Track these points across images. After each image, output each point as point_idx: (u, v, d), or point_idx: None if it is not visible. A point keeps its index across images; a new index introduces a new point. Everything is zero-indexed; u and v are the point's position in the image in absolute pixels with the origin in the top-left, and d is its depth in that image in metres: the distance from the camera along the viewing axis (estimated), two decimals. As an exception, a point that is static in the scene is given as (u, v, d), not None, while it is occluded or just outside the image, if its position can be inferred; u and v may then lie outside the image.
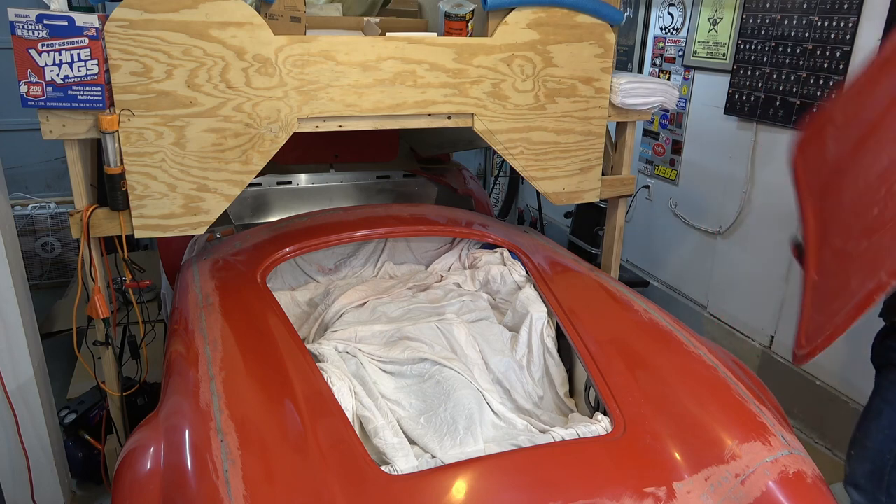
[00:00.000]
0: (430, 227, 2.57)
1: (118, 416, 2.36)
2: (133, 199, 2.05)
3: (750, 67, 3.25)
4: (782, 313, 3.25)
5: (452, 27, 2.33)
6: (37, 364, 2.34)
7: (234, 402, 1.53)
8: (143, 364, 2.36)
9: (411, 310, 2.18)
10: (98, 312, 2.13)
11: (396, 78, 2.23)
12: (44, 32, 1.80)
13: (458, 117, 2.38)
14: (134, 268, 2.19)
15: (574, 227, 4.35)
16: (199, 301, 2.02)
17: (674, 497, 1.41)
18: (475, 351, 1.99)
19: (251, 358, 1.72)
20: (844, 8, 2.77)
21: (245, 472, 1.34)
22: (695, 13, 3.63)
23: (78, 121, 1.93)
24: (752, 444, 1.49)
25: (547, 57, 2.39)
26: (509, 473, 1.42)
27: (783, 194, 3.16)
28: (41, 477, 2.42)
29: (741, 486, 1.43)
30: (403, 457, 1.54)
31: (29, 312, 2.35)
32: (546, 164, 2.53)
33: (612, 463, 1.47)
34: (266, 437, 1.45)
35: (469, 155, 5.68)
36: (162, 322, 2.90)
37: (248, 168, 2.15)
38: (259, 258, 2.24)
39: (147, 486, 1.44)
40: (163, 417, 1.59)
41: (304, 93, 2.14)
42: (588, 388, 1.90)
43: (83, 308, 2.14)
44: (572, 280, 2.29)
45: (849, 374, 2.93)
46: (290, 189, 3.24)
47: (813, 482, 1.46)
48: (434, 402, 1.77)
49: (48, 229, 4.25)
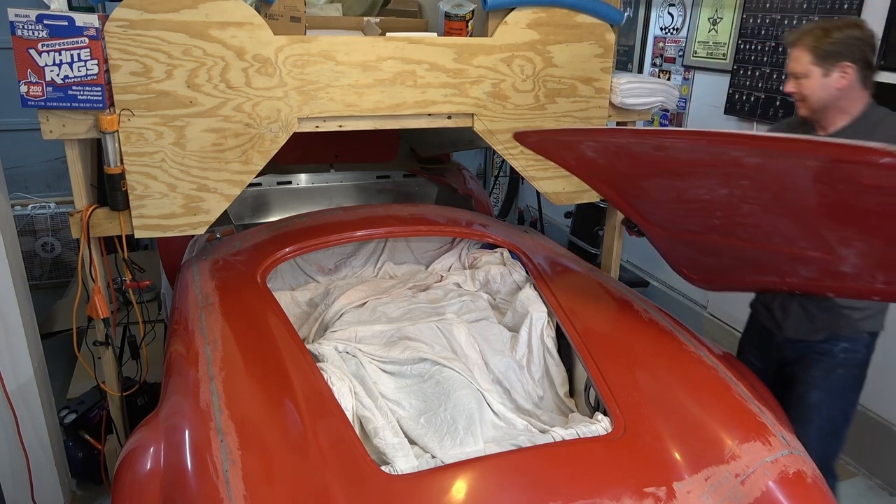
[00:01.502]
0: (430, 227, 2.57)
1: (118, 416, 2.36)
2: (133, 199, 2.05)
3: (750, 67, 3.25)
4: (782, 313, 3.24)
5: (452, 27, 2.33)
6: (37, 364, 2.34)
7: (234, 402, 1.53)
8: (143, 364, 2.36)
9: (411, 310, 2.18)
10: (98, 312, 2.13)
11: (396, 78, 2.22)
12: (44, 32, 1.80)
13: (458, 117, 2.38)
14: (134, 268, 2.19)
15: (574, 227, 4.34)
16: (199, 301, 2.02)
17: (674, 497, 1.41)
18: (475, 351, 1.99)
19: (251, 358, 1.72)
20: (844, 8, 2.77)
21: (245, 472, 1.34)
22: (695, 13, 3.63)
23: (78, 121, 1.93)
24: (752, 444, 1.49)
25: (547, 57, 2.39)
26: (509, 473, 1.42)
27: (783, 194, 3.16)
28: (41, 477, 2.42)
29: (741, 486, 1.43)
30: (403, 457, 1.54)
31: (29, 312, 2.35)
32: (546, 164, 2.53)
33: (612, 463, 1.47)
34: (266, 437, 1.45)
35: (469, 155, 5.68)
36: (162, 322, 2.90)
37: (248, 168, 2.15)
38: (259, 258, 2.24)
39: (147, 486, 1.44)
40: (163, 417, 1.59)
41: (304, 93, 2.14)
42: (588, 388, 1.90)
43: (83, 308, 2.14)
44: (572, 280, 2.29)
45: (849, 374, 2.93)
46: (290, 189, 3.24)
47: (813, 482, 1.46)
48: (434, 402, 1.76)
49: (48, 229, 4.25)
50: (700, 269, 2.10)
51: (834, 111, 1.87)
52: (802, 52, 1.84)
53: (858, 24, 1.84)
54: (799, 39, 1.85)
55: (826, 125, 1.91)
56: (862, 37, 1.81)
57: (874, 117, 1.85)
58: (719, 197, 1.67)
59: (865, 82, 1.84)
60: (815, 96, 1.85)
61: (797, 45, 1.85)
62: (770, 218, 1.66)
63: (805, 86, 1.86)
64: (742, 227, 1.75)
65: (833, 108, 1.87)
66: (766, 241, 1.74)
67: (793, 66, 1.88)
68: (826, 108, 1.88)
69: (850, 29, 1.81)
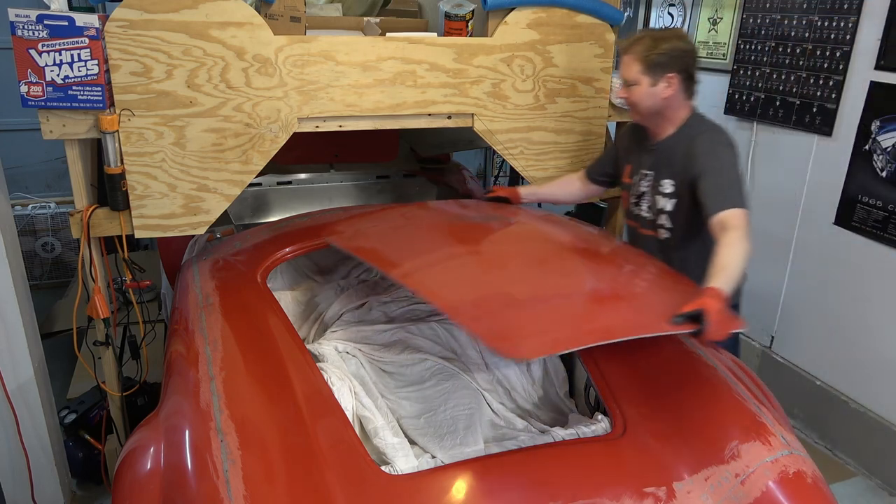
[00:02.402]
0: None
1: (118, 416, 2.36)
2: (133, 199, 2.05)
3: (750, 67, 3.25)
4: (782, 313, 3.25)
5: (452, 27, 2.33)
6: (37, 364, 2.34)
7: (234, 402, 1.53)
8: (143, 364, 2.35)
9: (411, 309, 2.18)
10: (98, 312, 2.13)
11: (396, 78, 2.22)
12: (44, 32, 1.80)
13: (458, 117, 2.38)
14: (134, 268, 2.19)
15: (574, 227, 4.34)
16: (199, 301, 2.01)
17: (674, 497, 1.41)
18: (475, 351, 1.99)
19: (251, 358, 1.72)
20: (844, 8, 2.77)
21: (245, 472, 1.34)
22: (695, 13, 3.63)
23: (78, 121, 1.93)
24: (752, 444, 1.49)
25: (547, 57, 2.39)
26: (509, 473, 1.42)
27: (783, 194, 3.16)
28: (41, 477, 2.42)
29: (741, 486, 1.43)
30: (403, 457, 1.54)
31: (29, 312, 2.35)
32: (546, 164, 2.53)
33: (612, 463, 1.47)
34: (266, 437, 1.45)
35: (469, 155, 5.68)
36: (162, 322, 2.90)
37: (248, 168, 2.15)
38: (259, 258, 2.24)
39: (147, 486, 1.44)
40: (163, 417, 1.59)
41: (304, 93, 2.14)
42: (588, 388, 1.90)
43: (83, 308, 2.14)
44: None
45: (849, 374, 2.93)
46: (290, 189, 3.24)
47: (813, 482, 1.46)
48: (434, 402, 1.76)
49: (48, 229, 4.25)
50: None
51: (661, 119, 2.03)
52: (633, 61, 1.96)
53: (683, 37, 1.98)
54: (630, 47, 1.97)
55: (656, 133, 2.08)
56: (687, 49, 1.96)
57: (693, 131, 2.00)
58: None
59: (688, 92, 2.00)
60: (642, 104, 1.99)
61: (628, 53, 1.97)
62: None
63: (635, 93, 1.99)
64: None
65: (659, 115, 2.02)
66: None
67: (624, 73, 2.00)
68: (653, 116, 2.03)
69: (677, 41, 1.94)
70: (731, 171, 1.89)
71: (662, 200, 2.07)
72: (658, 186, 2.07)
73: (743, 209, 1.81)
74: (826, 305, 3.00)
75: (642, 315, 1.58)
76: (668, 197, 2.05)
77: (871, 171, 2.71)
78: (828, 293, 2.99)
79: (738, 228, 1.75)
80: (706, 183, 1.87)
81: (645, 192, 2.15)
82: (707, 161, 1.90)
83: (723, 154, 1.92)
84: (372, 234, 2.15)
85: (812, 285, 3.07)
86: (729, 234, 1.74)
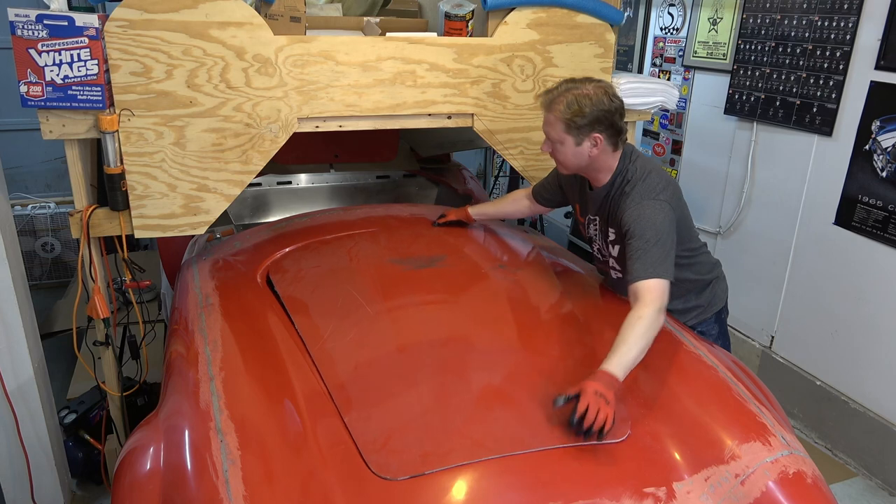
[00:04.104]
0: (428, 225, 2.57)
1: (118, 416, 2.36)
2: (133, 199, 2.05)
3: (750, 67, 3.25)
4: (782, 313, 3.25)
5: (452, 27, 2.33)
6: (37, 364, 2.34)
7: (234, 402, 1.53)
8: (143, 364, 2.36)
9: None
10: (98, 312, 2.13)
11: (396, 78, 2.22)
12: (44, 32, 1.80)
13: (458, 117, 2.38)
14: (134, 268, 2.19)
15: (574, 227, 4.35)
16: (199, 301, 2.01)
17: (674, 497, 1.40)
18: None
19: (251, 358, 1.72)
20: (844, 8, 2.77)
21: (245, 472, 1.34)
22: (695, 13, 3.63)
23: (78, 121, 1.93)
24: (751, 444, 1.49)
25: (547, 57, 2.39)
26: (509, 474, 1.42)
27: (783, 194, 3.16)
28: (41, 477, 2.42)
29: (741, 487, 1.43)
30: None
31: (29, 312, 2.35)
32: (546, 165, 2.53)
33: (612, 463, 1.47)
34: (266, 437, 1.45)
35: (469, 155, 5.68)
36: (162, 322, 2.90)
37: (248, 168, 2.15)
38: (259, 258, 2.24)
39: (147, 486, 1.44)
40: (163, 417, 1.59)
41: (304, 93, 2.14)
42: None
43: (83, 308, 2.14)
44: (572, 280, 2.29)
45: (849, 374, 2.93)
46: (290, 189, 3.24)
47: (813, 482, 1.46)
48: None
49: (48, 229, 4.25)
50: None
51: (592, 171, 1.98)
52: (556, 120, 1.89)
53: (607, 93, 1.87)
54: (552, 105, 1.89)
55: (593, 182, 2.01)
56: (610, 108, 1.86)
57: (625, 180, 1.93)
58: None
59: (615, 143, 1.92)
60: (569, 162, 1.94)
61: (551, 111, 1.90)
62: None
63: (560, 152, 1.93)
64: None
65: (590, 168, 1.96)
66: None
67: (547, 130, 1.94)
68: (584, 170, 1.98)
69: (601, 97, 1.85)
70: (656, 235, 1.80)
71: (610, 247, 2.04)
72: (606, 231, 2.03)
73: (660, 279, 1.75)
74: (826, 305, 3.00)
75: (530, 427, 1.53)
76: (613, 244, 2.02)
77: (871, 171, 2.71)
78: (828, 293, 2.99)
79: (649, 305, 1.70)
80: (630, 247, 1.83)
81: (594, 236, 2.13)
82: (633, 224, 1.84)
83: (650, 215, 1.83)
84: (308, 279, 2.10)
85: (812, 285, 3.07)
86: (637, 311, 1.70)
